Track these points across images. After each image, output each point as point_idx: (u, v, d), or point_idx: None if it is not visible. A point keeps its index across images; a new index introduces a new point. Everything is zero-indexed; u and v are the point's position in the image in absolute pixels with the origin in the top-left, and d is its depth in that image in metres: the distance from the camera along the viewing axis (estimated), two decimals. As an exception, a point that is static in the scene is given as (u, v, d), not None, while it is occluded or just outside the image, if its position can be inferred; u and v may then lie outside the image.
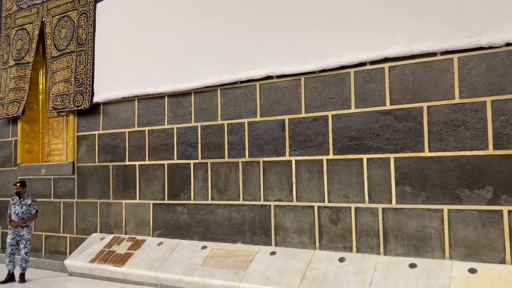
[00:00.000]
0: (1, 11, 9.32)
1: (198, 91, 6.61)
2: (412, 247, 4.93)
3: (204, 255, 6.00)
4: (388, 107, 5.17)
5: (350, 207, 5.33)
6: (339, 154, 5.43)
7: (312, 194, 5.59)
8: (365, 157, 5.26)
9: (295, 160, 5.73)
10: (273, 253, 5.63)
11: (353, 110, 5.39)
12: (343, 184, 5.39)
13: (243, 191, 6.13)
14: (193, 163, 6.61)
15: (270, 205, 5.89)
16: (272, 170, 5.91)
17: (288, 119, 5.81)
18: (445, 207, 4.78)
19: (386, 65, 5.21)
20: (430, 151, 4.90)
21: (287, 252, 5.59)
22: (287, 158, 5.80)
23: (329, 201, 5.47)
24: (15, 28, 8.95)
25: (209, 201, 6.42)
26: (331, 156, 5.48)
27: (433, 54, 4.94)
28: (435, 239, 4.82)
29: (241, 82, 6.22)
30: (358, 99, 5.37)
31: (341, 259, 5.17)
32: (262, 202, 5.96)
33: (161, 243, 6.59)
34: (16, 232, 6.71)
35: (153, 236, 6.87)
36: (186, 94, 6.74)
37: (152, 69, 7.01)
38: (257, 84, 6.09)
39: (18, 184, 6.91)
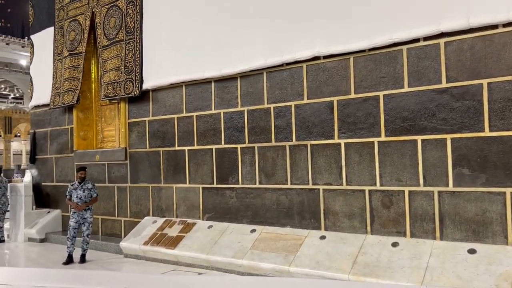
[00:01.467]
0: (54, 3, 9.69)
1: (243, 75, 6.57)
2: (471, 232, 4.69)
3: (253, 239, 6.04)
4: (444, 85, 4.89)
5: (403, 191, 5.13)
6: (392, 136, 5.22)
7: (363, 178, 5.43)
8: (419, 138, 5.03)
9: (345, 143, 5.58)
10: (322, 237, 5.56)
11: (406, 89, 5.14)
12: (396, 166, 5.19)
13: (291, 175, 6.08)
14: (240, 148, 6.62)
15: (319, 189, 5.80)
16: (320, 153, 5.80)
17: (337, 100, 5.65)
18: (508, 190, 4.49)
19: (442, 41, 4.91)
20: (490, 130, 4.60)
21: (337, 236, 5.50)
22: (336, 141, 5.66)
23: (381, 185, 5.29)
24: (68, 20, 9.28)
25: (257, 185, 6.42)
26: (382, 138, 5.29)
27: (494, 26, 4.59)
28: (497, 223, 4.55)
29: (287, 64, 6.11)
30: (411, 77, 5.12)
31: (394, 244, 5.02)
32: (310, 186, 5.88)
33: (211, 226, 6.69)
34: (81, 215, 7.06)
35: (203, 220, 6.99)
36: (232, 78, 6.72)
37: (199, 55, 7.04)
38: (304, 65, 5.95)
39: (84, 170, 7.23)
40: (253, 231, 6.20)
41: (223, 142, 6.82)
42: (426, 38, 5.01)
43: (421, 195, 5.01)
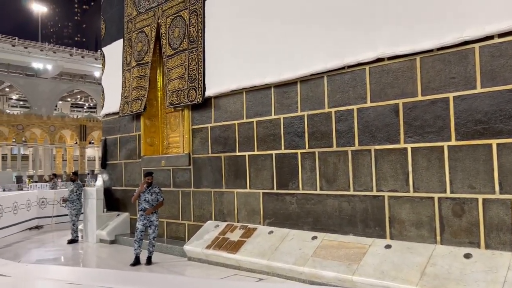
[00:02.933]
0: (123, 17, 10.25)
1: (303, 80, 6.51)
2: (557, 245, 4.25)
3: (314, 246, 5.92)
4: (523, 84, 4.50)
5: (476, 198, 4.78)
6: (463, 140, 4.89)
7: (432, 184, 5.14)
8: (494, 142, 4.66)
9: (411, 148, 5.32)
10: (388, 246, 5.32)
11: (478, 90, 4.81)
12: (468, 172, 4.85)
13: (354, 181, 5.89)
14: (301, 153, 6.54)
15: (383, 196, 5.57)
16: (385, 158, 5.57)
17: (402, 103, 5.41)
18: None
19: (520, 36, 4.54)
20: None
21: (403, 245, 5.23)
22: (401, 145, 5.41)
23: (451, 192, 4.97)
24: (135, 32, 9.77)
25: (318, 191, 6.30)
26: (453, 142, 4.97)
27: None
28: None
29: (349, 67, 5.96)
30: (484, 77, 4.77)
31: (467, 255, 4.68)
32: (374, 193, 5.66)
33: (272, 232, 6.67)
34: (147, 218, 7.36)
35: (263, 225, 6.98)
36: (291, 83, 6.68)
37: (259, 61, 7.09)
38: (367, 67, 5.77)
39: (151, 175, 7.55)
40: (314, 238, 6.09)
41: (283, 147, 6.79)
42: (501, 35, 4.66)
43: (497, 204, 4.64)
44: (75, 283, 2.31)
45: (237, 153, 7.50)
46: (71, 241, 9.69)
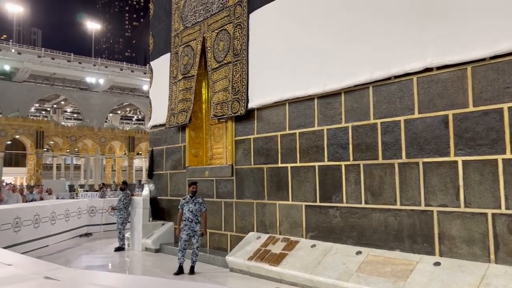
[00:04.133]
0: (170, 31, 10.59)
1: (348, 91, 6.42)
2: None
3: (359, 261, 5.75)
4: None
5: (535, 216, 4.48)
6: (519, 153, 4.61)
7: (484, 200, 4.87)
8: (555, 155, 4.37)
9: (462, 160, 5.08)
10: (437, 263, 5.08)
11: (536, 100, 4.53)
12: (526, 188, 4.56)
13: (400, 195, 5.70)
14: (345, 165, 6.42)
15: (432, 211, 5.34)
16: (434, 172, 5.35)
17: (452, 114, 5.19)
18: None
19: None
20: None
21: (454, 263, 4.97)
22: (452, 158, 5.18)
23: (507, 208, 4.69)
24: (182, 46, 10.06)
25: (363, 205, 6.14)
26: (508, 155, 4.70)
27: None
28: None
29: (396, 77, 5.81)
30: (543, 86, 4.50)
31: (525, 277, 4.37)
32: (422, 207, 5.44)
33: (314, 245, 6.55)
34: (191, 228, 7.46)
35: (306, 238, 6.88)
36: (335, 94, 6.61)
37: (301, 72, 7.08)
38: (414, 78, 5.61)
39: (195, 185, 7.68)
40: (358, 253, 5.92)
41: (326, 159, 6.69)
42: (561, 41, 4.39)
43: (560, 222, 4.32)
44: (120, 290, 2.36)
45: (279, 165, 7.47)
46: (118, 249, 9.98)
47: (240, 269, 7.19)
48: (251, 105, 8.00)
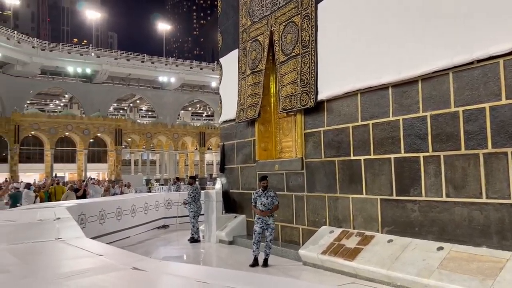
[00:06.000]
0: (238, 27, 10.72)
1: (425, 78, 6.06)
2: None
3: (440, 257, 5.44)
4: None
5: None
6: None
7: None
8: None
9: (560, 149, 4.59)
10: (531, 262, 4.66)
11: None
12: None
13: (486, 188, 5.29)
14: (423, 156, 6.09)
15: (524, 205, 4.90)
16: (525, 162, 4.90)
17: (547, 99, 4.71)
18: None
19: None
20: None
21: (552, 263, 4.53)
22: (547, 147, 4.70)
23: None
24: (250, 41, 10.14)
25: (444, 198, 5.79)
26: None
27: None
28: None
29: (478, 61, 5.39)
30: None
31: None
32: (512, 201, 5.01)
33: (391, 240, 6.31)
34: (264, 221, 7.55)
35: (382, 233, 6.65)
36: (411, 82, 6.28)
37: (373, 61, 6.81)
38: (500, 61, 5.16)
39: (266, 179, 7.77)
40: (440, 248, 5.60)
41: (402, 151, 6.39)
42: None
43: None
44: (202, 281, 2.42)
45: (352, 157, 7.28)
46: (192, 240, 10.35)
47: (313, 263, 7.13)
48: (320, 97, 7.86)
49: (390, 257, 5.94)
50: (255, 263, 7.42)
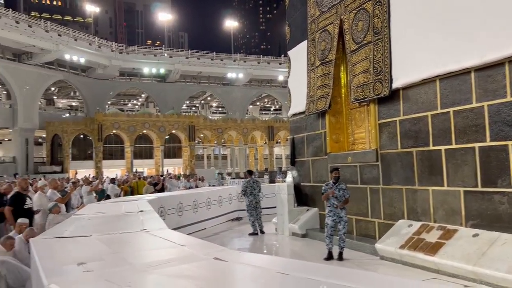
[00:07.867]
0: (306, 19, 10.60)
1: (513, 59, 5.58)
2: None
3: (535, 254, 5.01)
4: None
5: None
6: None
7: None
8: None
9: None
10: None
11: None
12: None
13: None
14: (512, 145, 5.62)
15: None
16: None
17: None
18: None
19: None
20: None
21: None
22: None
23: None
24: (319, 31, 9.98)
25: (538, 190, 5.31)
26: None
27: None
28: None
29: None
30: None
31: None
32: None
33: (477, 234, 5.92)
34: (337, 214, 7.45)
35: (465, 226, 6.26)
36: (497, 65, 5.81)
37: (452, 45, 6.40)
38: None
39: (338, 170, 7.68)
40: (534, 244, 5.15)
41: (488, 139, 5.95)
42: None
43: None
44: (283, 272, 2.45)
45: (431, 147, 6.91)
46: (251, 234, 10.51)
47: (392, 257, 6.90)
48: (395, 85, 7.54)
49: (476, 252, 5.58)
50: (329, 257, 7.35)
